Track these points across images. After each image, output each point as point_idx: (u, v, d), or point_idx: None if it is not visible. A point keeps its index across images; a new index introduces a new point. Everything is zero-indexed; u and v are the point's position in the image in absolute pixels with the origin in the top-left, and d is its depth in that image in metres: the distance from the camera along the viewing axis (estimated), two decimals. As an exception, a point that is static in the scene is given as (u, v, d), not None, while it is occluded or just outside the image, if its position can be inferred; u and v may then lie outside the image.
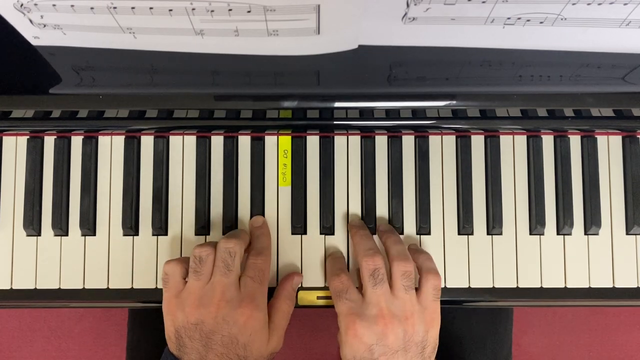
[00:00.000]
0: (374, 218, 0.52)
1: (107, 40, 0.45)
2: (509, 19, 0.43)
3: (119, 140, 0.53)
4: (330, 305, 0.51)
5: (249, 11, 0.41)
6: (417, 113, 0.50)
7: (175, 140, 0.53)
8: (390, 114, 0.50)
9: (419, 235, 0.52)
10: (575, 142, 0.53)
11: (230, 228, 0.52)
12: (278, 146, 0.53)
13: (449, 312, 0.61)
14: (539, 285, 0.52)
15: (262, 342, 0.45)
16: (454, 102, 0.48)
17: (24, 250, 0.52)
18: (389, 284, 0.46)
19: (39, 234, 0.52)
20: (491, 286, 0.52)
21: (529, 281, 0.52)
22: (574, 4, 0.41)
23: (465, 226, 0.52)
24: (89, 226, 0.52)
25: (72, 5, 0.41)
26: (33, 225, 0.52)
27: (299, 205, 0.52)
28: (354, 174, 0.53)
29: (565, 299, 0.52)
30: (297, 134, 0.53)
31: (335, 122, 0.51)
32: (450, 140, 0.53)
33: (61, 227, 0.52)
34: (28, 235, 0.52)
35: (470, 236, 0.52)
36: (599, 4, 0.41)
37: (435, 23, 0.43)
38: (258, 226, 0.51)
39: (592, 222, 0.52)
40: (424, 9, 0.42)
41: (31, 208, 0.52)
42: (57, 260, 0.52)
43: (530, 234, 0.52)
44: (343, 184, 0.53)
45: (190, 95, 0.48)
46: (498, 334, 0.65)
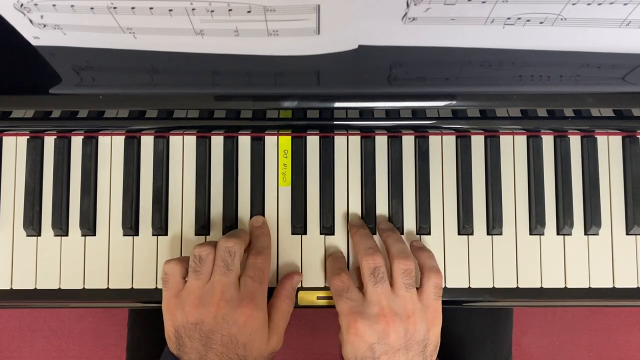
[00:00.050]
0: (374, 218, 0.52)
1: (107, 40, 0.45)
2: (509, 19, 0.43)
3: (119, 141, 0.53)
4: (331, 305, 0.51)
5: (249, 11, 0.41)
6: (417, 113, 0.50)
7: (175, 140, 0.53)
8: (390, 114, 0.50)
9: (419, 235, 0.52)
10: (575, 142, 0.53)
11: (230, 228, 0.52)
12: (278, 146, 0.53)
13: (449, 312, 0.60)
14: (539, 286, 0.52)
15: (262, 342, 0.45)
16: (454, 102, 0.48)
17: (24, 250, 0.52)
18: (390, 282, 0.46)
19: (39, 234, 0.52)
20: (491, 286, 0.52)
21: (529, 281, 0.52)
22: (574, 4, 0.41)
23: (465, 226, 0.52)
24: (89, 226, 0.52)
25: (72, 6, 0.41)
26: (33, 225, 0.52)
27: (299, 205, 0.52)
28: (354, 174, 0.53)
29: (565, 299, 0.52)
30: (297, 134, 0.53)
31: (335, 122, 0.51)
32: (450, 140, 0.53)
33: (61, 227, 0.52)
34: (28, 235, 0.52)
35: (470, 236, 0.52)
36: (599, 4, 0.41)
37: (435, 23, 0.43)
38: (258, 226, 0.51)
39: (592, 222, 0.52)
40: (424, 9, 0.42)
41: (31, 208, 0.52)
42: (57, 261, 0.52)
43: (530, 234, 0.52)
44: (343, 184, 0.53)
45: (190, 95, 0.48)
46: (498, 334, 0.65)
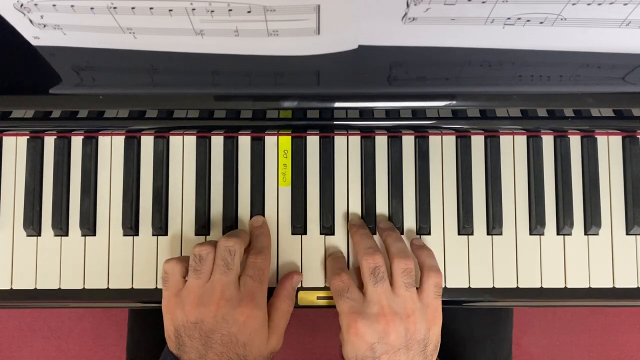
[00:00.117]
0: (374, 218, 0.52)
1: (107, 41, 0.45)
2: (509, 19, 0.43)
3: (119, 141, 0.53)
4: (331, 305, 0.51)
5: (249, 11, 0.41)
6: (417, 113, 0.50)
7: (175, 140, 0.53)
8: (390, 114, 0.50)
9: (419, 235, 0.52)
10: (575, 142, 0.53)
11: (230, 228, 0.52)
12: (278, 146, 0.53)
13: (449, 312, 0.60)
14: (539, 286, 0.52)
15: (262, 341, 0.45)
16: (454, 102, 0.48)
17: (24, 250, 0.52)
18: (390, 281, 0.46)
19: (39, 234, 0.52)
20: (491, 286, 0.52)
21: (529, 281, 0.52)
22: (574, 4, 0.41)
23: (465, 226, 0.52)
24: (89, 226, 0.52)
25: (72, 6, 0.41)
26: (33, 225, 0.52)
27: (299, 205, 0.52)
28: (354, 174, 0.53)
29: (565, 299, 0.52)
30: (297, 134, 0.53)
31: (335, 122, 0.51)
32: (450, 140, 0.53)
33: (61, 227, 0.52)
34: (28, 235, 0.52)
35: (470, 236, 0.52)
36: (599, 4, 0.41)
37: (435, 23, 0.43)
38: (258, 226, 0.51)
39: (592, 222, 0.52)
40: (424, 9, 0.42)
41: (31, 208, 0.52)
42: (57, 261, 0.52)
43: (530, 234, 0.52)
44: (343, 184, 0.53)
45: (190, 95, 0.48)
46: (498, 334, 0.65)
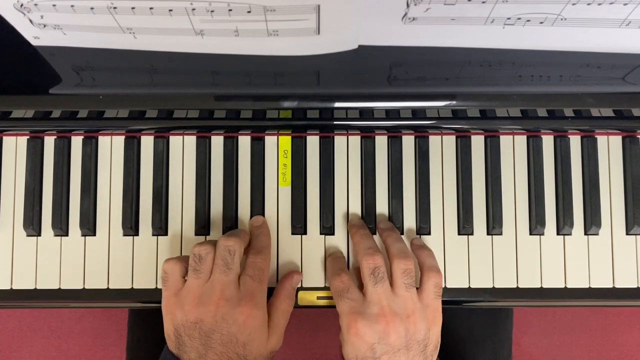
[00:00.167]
0: (374, 218, 0.52)
1: (107, 41, 0.45)
2: (509, 19, 0.43)
3: (119, 141, 0.53)
4: (331, 305, 0.51)
5: (249, 11, 0.41)
6: (417, 113, 0.50)
7: (175, 140, 0.53)
8: (390, 114, 0.50)
9: (419, 235, 0.52)
10: (575, 142, 0.53)
11: (230, 228, 0.52)
12: (278, 146, 0.53)
13: (449, 312, 0.60)
14: (539, 286, 0.52)
15: (262, 341, 0.45)
16: (454, 102, 0.48)
17: (24, 250, 0.52)
18: (390, 282, 0.46)
19: (39, 234, 0.52)
20: (491, 286, 0.52)
21: (529, 281, 0.52)
22: (574, 4, 0.41)
23: (465, 226, 0.52)
24: (89, 226, 0.52)
25: (72, 6, 0.41)
26: (33, 225, 0.52)
27: (299, 205, 0.52)
28: (354, 174, 0.53)
29: (565, 299, 0.52)
30: (297, 134, 0.53)
31: (335, 122, 0.51)
32: (450, 140, 0.53)
33: (61, 227, 0.52)
34: (28, 235, 0.52)
35: (470, 236, 0.52)
36: (599, 4, 0.41)
37: (435, 23, 0.43)
38: (258, 225, 0.51)
39: (592, 222, 0.52)
40: (424, 9, 0.42)
41: (31, 208, 0.52)
42: (57, 261, 0.52)
43: (530, 234, 0.52)
44: (343, 184, 0.53)
45: (190, 95, 0.48)
46: (498, 334, 0.65)
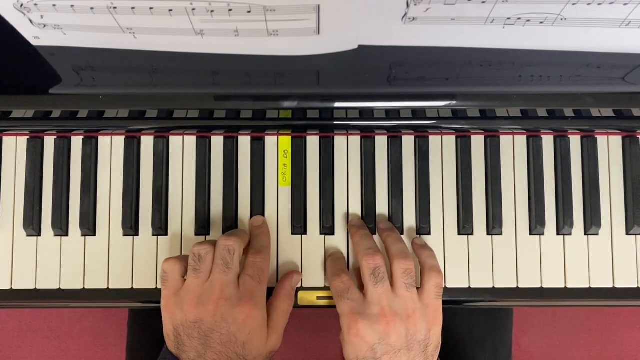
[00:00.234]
0: (374, 218, 0.52)
1: (107, 40, 0.45)
2: (509, 19, 0.43)
3: (119, 141, 0.53)
4: (331, 305, 0.51)
5: (249, 11, 0.41)
6: (417, 113, 0.50)
7: (175, 140, 0.53)
8: (390, 114, 0.50)
9: (419, 235, 0.52)
10: (575, 142, 0.53)
11: (230, 228, 0.52)
12: (278, 146, 0.53)
13: (449, 312, 0.60)
14: (539, 285, 0.52)
15: (261, 341, 0.45)
16: (454, 102, 0.48)
17: (24, 250, 0.52)
18: (390, 282, 0.46)
19: (39, 234, 0.52)
20: (491, 286, 0.52)
21: (529, 281, 0.52)
22: (574, 4, 0.41)
23: (465, 226, 0.52)
24: (89, 226, 0.52)
25: (72, 6, 0.41)
26: (33, 225, 0.52)
27: (299, 205, 0.52)
28: (354, 174, 0.53)
29: (565, 299, 0.52)
30: (297, 134, 0.53)
31: (335, 122, 0.51)
32: (450, 140, 0.53)
33: (61, 227, 0.52)
34: (28, 235, 0.52)
35: (470, 236, 0.52)
36: (599, 4, 0.41)
37: (435, 23, 0.43)
38: (258, 225, 0.51)
39: (592, 222, 0.52)
40: (424, 9, 0.42)
41: (31, 208, 0.52)
42: (57, 261, 0.52)
43: (530, 234, 0.52)
44: (343, 184, 0.53)
45: (190, 95, 0.48)
46: (498, 334, 0.65)
